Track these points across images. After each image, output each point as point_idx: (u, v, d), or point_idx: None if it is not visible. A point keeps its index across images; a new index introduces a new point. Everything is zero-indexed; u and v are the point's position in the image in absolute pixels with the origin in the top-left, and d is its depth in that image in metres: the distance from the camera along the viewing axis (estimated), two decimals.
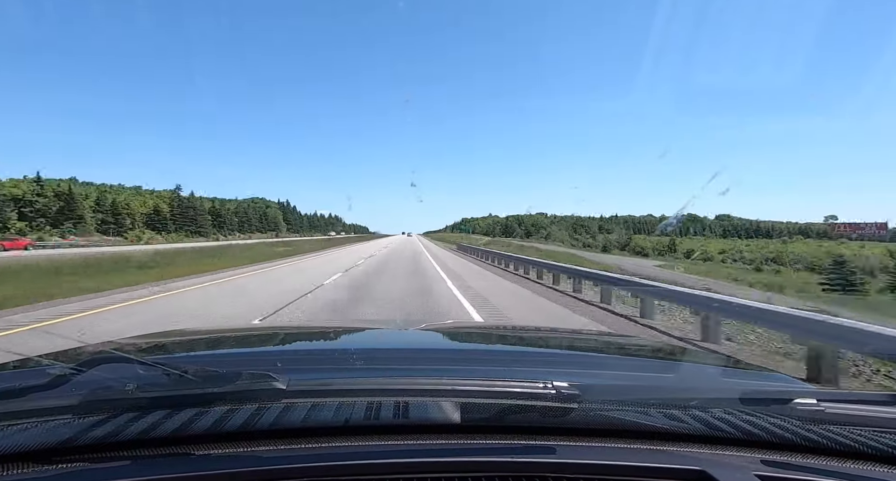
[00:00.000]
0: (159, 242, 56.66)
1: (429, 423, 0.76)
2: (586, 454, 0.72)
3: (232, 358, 1.37)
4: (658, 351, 1.72)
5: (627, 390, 0.92)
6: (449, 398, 0.77)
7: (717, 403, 0.83)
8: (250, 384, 0.76)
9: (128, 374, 0.79)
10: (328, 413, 0.75)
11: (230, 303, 8.63)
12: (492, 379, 0.85)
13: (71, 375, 0.80)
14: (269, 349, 1.61)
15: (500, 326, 3.68)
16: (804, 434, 0.76)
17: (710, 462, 0.70)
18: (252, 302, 8.72)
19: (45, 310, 7.69)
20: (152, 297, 9.24)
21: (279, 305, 8.00)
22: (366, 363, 1.19)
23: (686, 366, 1.37)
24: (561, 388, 0.77)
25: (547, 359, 1.45)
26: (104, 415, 0.71)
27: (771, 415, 0.79)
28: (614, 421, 0.77)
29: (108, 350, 1.04)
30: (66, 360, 0.93)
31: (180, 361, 1.05)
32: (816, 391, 0.88)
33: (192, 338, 1.76)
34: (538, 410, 0.76)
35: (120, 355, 0.93)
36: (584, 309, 8.64)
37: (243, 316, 7.23)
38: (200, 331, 2.02)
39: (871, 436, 0.75)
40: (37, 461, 0.66)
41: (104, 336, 4.83)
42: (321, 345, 1.69)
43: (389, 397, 0.80)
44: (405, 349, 1.60)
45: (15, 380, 0.82)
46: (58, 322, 6.65)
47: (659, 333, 6.54)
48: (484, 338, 1.96)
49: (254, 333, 1.96)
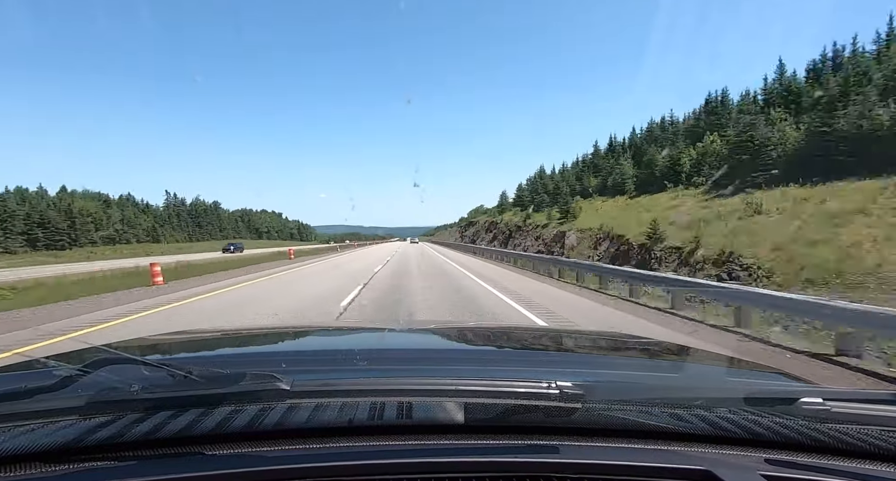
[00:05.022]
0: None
1: (433, 423, 0.76)
2: (590, 454, 0.72)
3: (236, 358, 1.37)
4: (662, 350, 1.71)
5: (631, 390, 0.92)
6: (453, 398, 0.77)
7: (722, 403, 0.83)
8: (254, 384, 0.76)
9: (133, 375, 0.80)
10: (332, 413, 0.75)
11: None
12: (495, 379, 0.84)
13: (77, 376, 0.80)
14: (272, 349, 1.62)
15: (502, 326, 3.68)
16: (810, 433, 0.75)
17: (716, 461, 0.70)
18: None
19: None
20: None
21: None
22: (369, 363, 1.19)
23: (690, 366, 1.37)
24: (565, 388, 0.77)
25: (551, 359, 1.45)
26: (110, 416, 0.71)
27: (777, 415, 0.78)
28: (618, 421, 0.77)
29: (113, 351, 1.05)
30: (72, 362, 0.93)
31: (185, 362, 1.06)
32: (822, 390, 0.87)
33: (197, 339, 1.77)
34: (542, 410, 0.76)
35: (125, 356, 0.94)
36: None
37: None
38: (205, 332, 2.03)
39: (879, 435, 0.75)
40: (43, 461, 0.66)
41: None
42: (325, 346, 1.69)
43: (393, 397, 0.80)
44: (409, 349, 1.61)
45: (21, 382, 0.83)
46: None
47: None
48: (487, 338, 1.96)
49: (258, 334, 1.96)
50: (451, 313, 7.81)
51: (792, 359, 5.16)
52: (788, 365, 4.72)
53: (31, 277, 15.69)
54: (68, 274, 17.02)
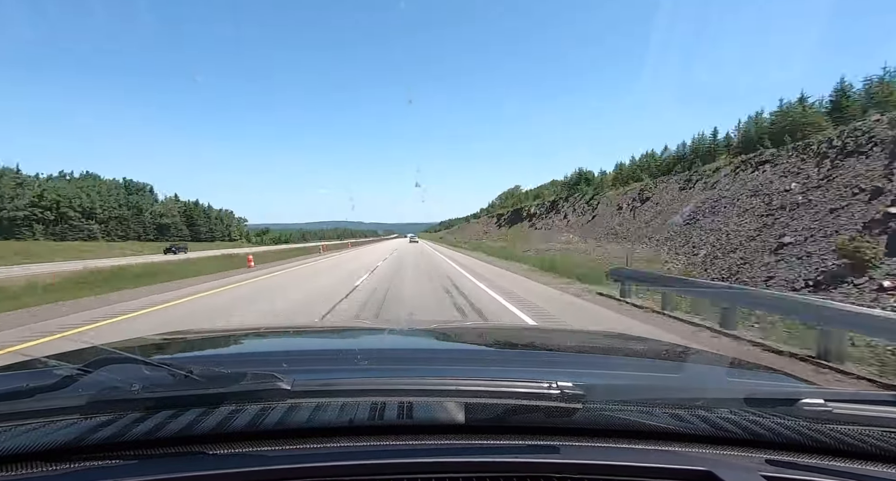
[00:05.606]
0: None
1: (433, 423, 0.76)
2: (591, 454, 0.72)
3: (237, 358, 1.38)
4: (663, 351, 1.71)
5: (632, 390, 0.92)
6: (453, 398, 0.77)
7: (722, 403, 0.83)
8: (255, 384, 0.76)
9: (134, 375, 0.80)
10: (333, 413, 0.75)
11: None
12: (496, 380, 0.84)
13: (78, 376, 0.80)
14: (273, 349, 1.62)
15: (504, 326, 3.68)
16: (811, 434, 0.75)
17: (716, 462, 0.70)
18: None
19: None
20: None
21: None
22: (370, 363, 1.20)
23: (691, 367, 1.37)
24: (565, 388, 0.77)
25: (551, 359, 1.45)
26: (111, 416, 0.71)
27: (777, 416, 0.78)
28: (619, 422, 0.76)
29: (114, 351, 1.05)
30: (73, 361, 0.94)
31: (186, 362, 1.06)
32: (823, 391, 0.87)
33: (197, 339, 1.77)
34: (543, 410, 0.76)
35: (126, 356, 0.94)
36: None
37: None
38: (205, 332, 2.03)
39: (880, 436, 0.75)
40: (45, 461, 0.66)
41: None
42: (326, 345, 1.69)
43: (394, 397, 0.80)
44: (410, 349, 1.61)
45: (23, 381, 0.83)
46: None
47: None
48: (488, 338, 1.96)
49: (258, 333, 1.96)
50: None
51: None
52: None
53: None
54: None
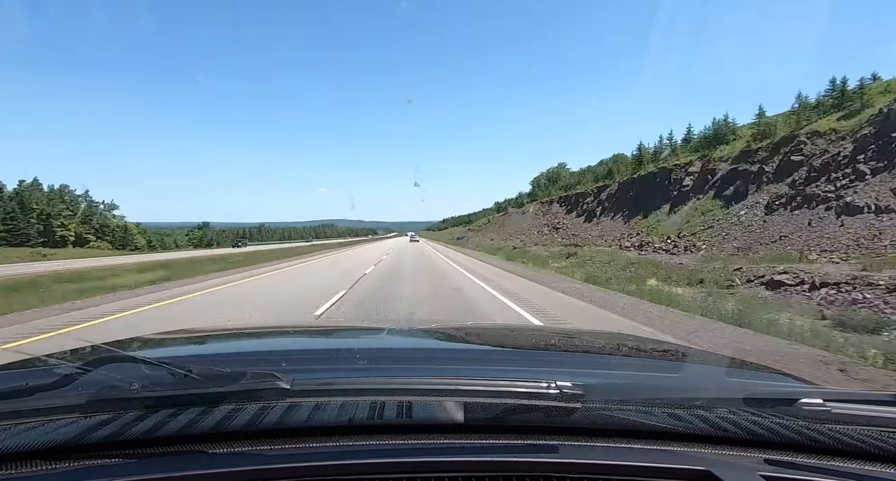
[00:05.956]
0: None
1: (432, 423, 0.76)
2: (590, 454, 0.72)
3: (236, 357, 1.38)
4: (662, 351, 1.71)
5: (631, 390, 0.92)
6: (452, 397, 0.77)
7: (721, 403, 0.83)
8: (255, 383, 0.76)
9: (133, 374, 0.80)
10: (332, 412, 0.75)
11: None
12: (495, 379, 0.85)
13: (77, 375, 0.80)
14: (273, 348, 1.62)
15: (503, 326, 3.68)
16: (809, 434, 0.75)
17: (715, 462, 0.70)
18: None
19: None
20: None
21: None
22: (370, 362, 1.20)
23: (690, 366, 1.37)
24: (564, 388, 0.77)
25: (551, 359, 1.45)
26: (110, 414, 0.71)
27: (776, 415, 0.78)
28: (618, 421, 0.77)
29: (113, 349, 1.05)
30: (73, 360, 0.94)
31: (185, 360, 1.06)
32: (822, 391, 0.87)
33: (197, 338, 1.77)
34: (542, 410, 0.76)
35: (125, 355, 0.94)
36: None
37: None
38: (205, 331, 2.03)
39: (879, 436, 0.75)
40: (45, 459, 0.66)
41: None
42: (325, 345, 1.69)
43: (393, 396, 0.81)
44: (409, 348, 1.61)
45: (22, 380, 0.83)
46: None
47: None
48: (488, 337, 1.96)
49: (258, 332, 1.96)
50: None
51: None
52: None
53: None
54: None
